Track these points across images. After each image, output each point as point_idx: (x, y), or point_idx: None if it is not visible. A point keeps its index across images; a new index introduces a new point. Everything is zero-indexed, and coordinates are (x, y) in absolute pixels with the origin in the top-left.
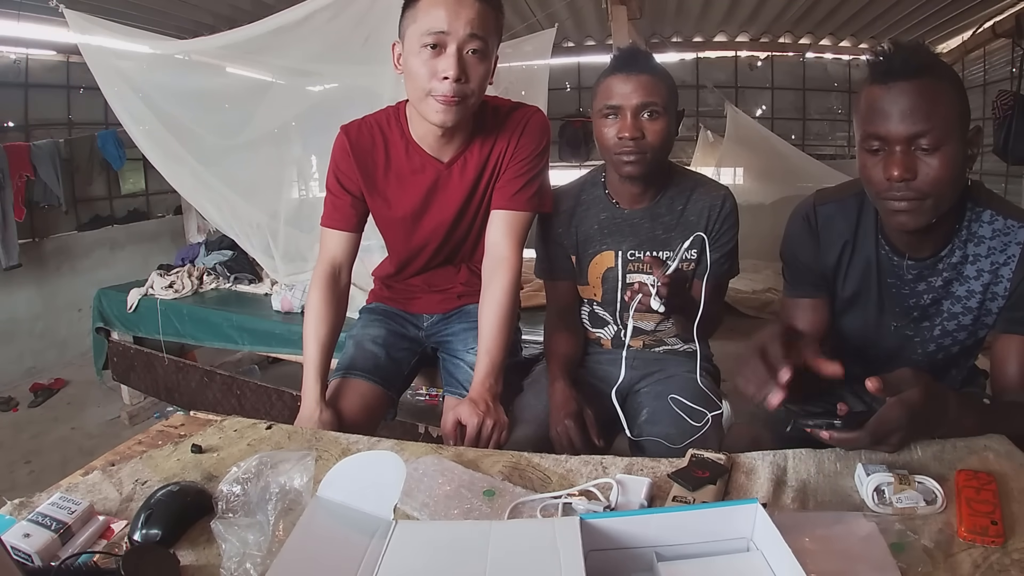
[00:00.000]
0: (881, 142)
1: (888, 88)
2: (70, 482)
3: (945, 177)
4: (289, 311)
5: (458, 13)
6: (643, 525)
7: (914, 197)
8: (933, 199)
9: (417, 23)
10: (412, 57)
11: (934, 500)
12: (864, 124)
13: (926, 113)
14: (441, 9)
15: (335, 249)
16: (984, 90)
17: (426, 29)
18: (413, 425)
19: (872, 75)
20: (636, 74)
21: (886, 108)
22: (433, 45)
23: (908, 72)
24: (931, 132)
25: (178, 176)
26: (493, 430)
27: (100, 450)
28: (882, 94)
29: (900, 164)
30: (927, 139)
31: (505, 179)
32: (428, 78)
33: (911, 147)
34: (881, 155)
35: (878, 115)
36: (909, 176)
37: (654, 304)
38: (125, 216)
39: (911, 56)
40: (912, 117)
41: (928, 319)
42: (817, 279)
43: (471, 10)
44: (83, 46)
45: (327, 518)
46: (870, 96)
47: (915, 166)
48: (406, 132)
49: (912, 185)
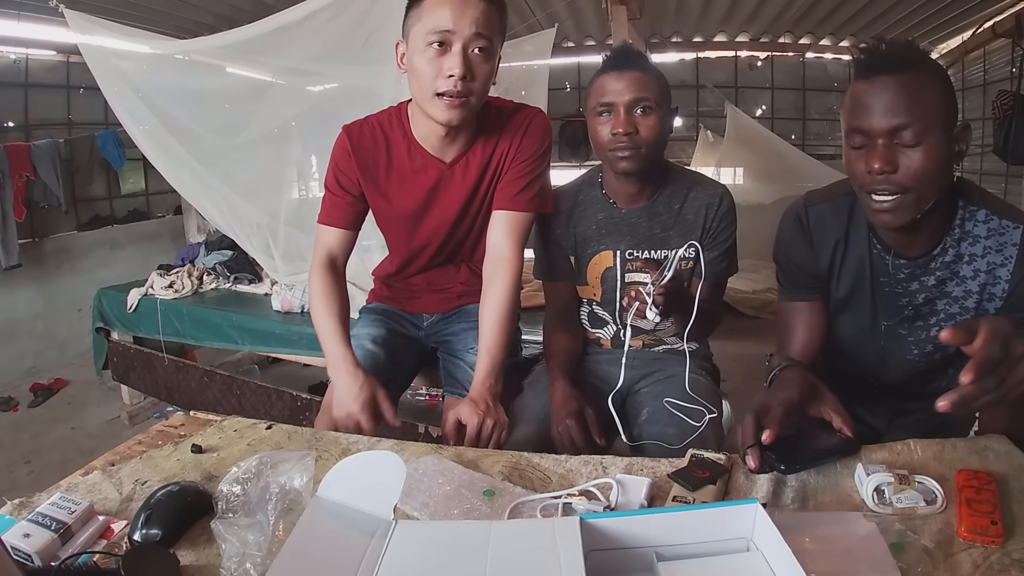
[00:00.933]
0: (864, 136)
1: (871, 83)
2: (70, 482)
3: (927, 171)
4: (289, 311)
5: (463, 12)
6: (643, 525)
7: (896, 191)
8: (915, 193)
9: (422, 22)
10: (417, 56)
11: (934, 500)
12: (848, 119)
13: (907, 107)
14: (446, 8)
15: (331, 243)
16: (984, 90)
17: (431, 28)
18: (413, 425)
19: (857, 71)
20: (628, 71)
21: (868, 102)
22: (438, 44)
23: (891, 67)
24: (912, 125)
25: (178, 176)
26: (493, 430)
27: (100, 450)
28: (865, 89)
29: (881, 157)
30: (908, 132)
31: (507, 180)
32: (433, 77)
33: (893, 140)
34: (864, 150)
35: (861, 109)
36: (889, 169)
37: (650, 315)
38: (125, 216)
39: (895, 52)
40: (893, 110)
41: (922, 318)
42: (811, 280)
43: (476, 9)
44: (83, 46)
45: (327, 518)
46: (854, 91)
47: (896, 159)
48: (408, 132)
49: (893, 179)
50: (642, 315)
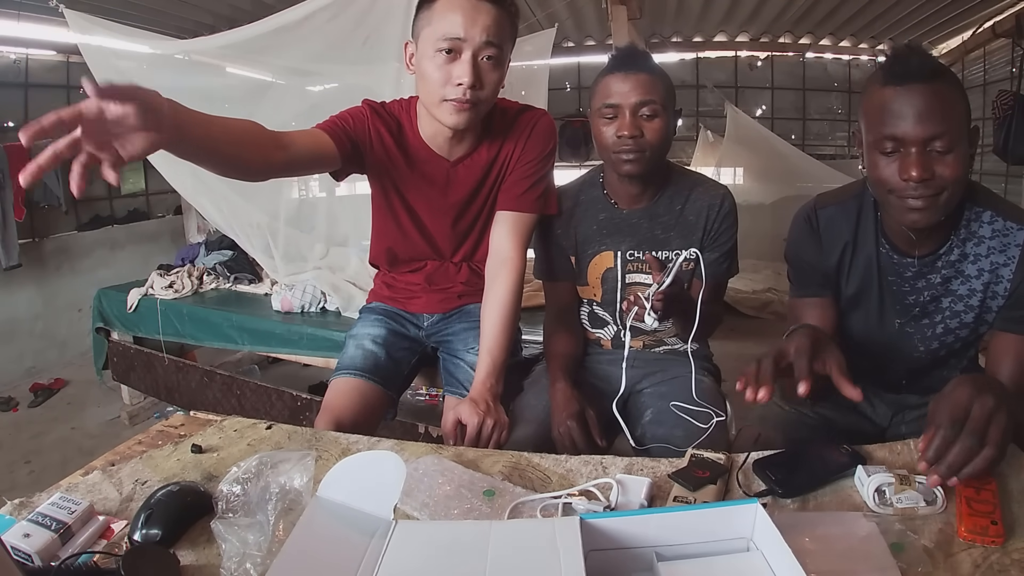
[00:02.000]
0: (896, 143)
1: (905, 90)
2: (70, 482)
3: (958, 176)
4: (289, 311)
5: (475, 19)
6: (643, 525)
7: (930, 195)
8: (946, 196)
9: (432, 26)
10: (426, 60)
11: (934, 500)
12: (878, 125)
13: (942, 116)
14: (458, 14)
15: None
16: (984, 90)
17: (442, 34)
18: (413, 425)
19: (886, 76)
20: (634, 73)
21: (902, 110)
22: (448, 51)
23: (923, 75)
24: (947, 134)
25: (178, 176)
26: (493, 430)
27: (100, 450)
28: (897, 96)
29: (919, 165)
30: (942, 141)
31: (511, 180)
32: (443, 83)
33: (926, 148)
34: (896, 156)
35: (893, 116)
36: (927, 176)
37: (648, 320)
38: (125, 216)
39: (925, 59)
40: (930, 119)
41: (928, 316)
42: (822, 279)
43: (488, 16)
44: (83, 46)
45: (327, 518)
46: (883, 97)
47: (931, 166)
48: (415, 128)
49: (929, 184)
50: (640, 319)
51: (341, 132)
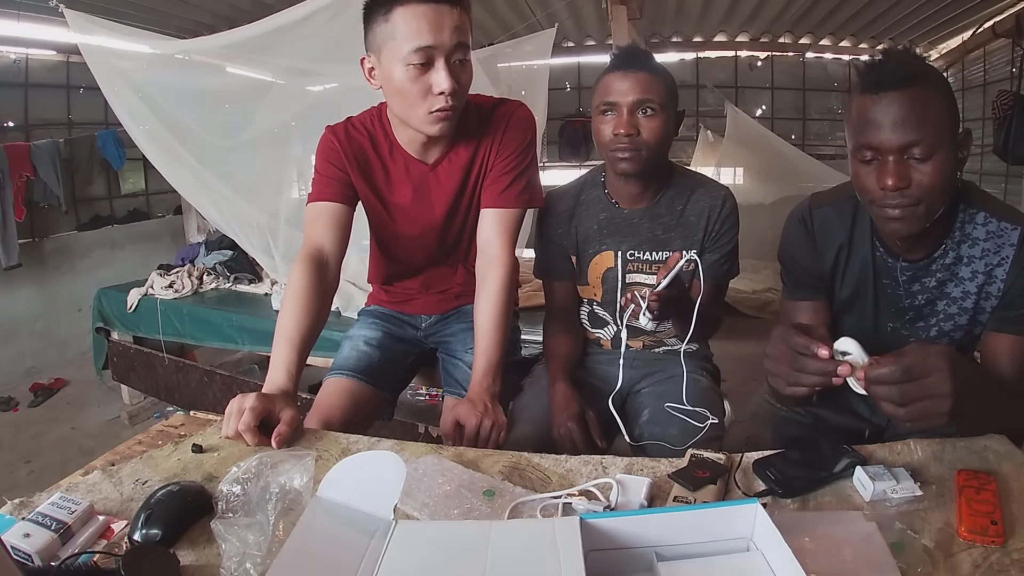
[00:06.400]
0: (874, 152)
1: (879, 98)
2: (70, 482)
3: (938, 183)
4: None
5: (441, 24)
6: (643, 525)
7: (908, 204)
8: (925, 204)
9: (397, 40)
10: (397, 76)
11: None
12: (856, 135)
13: (917, 123)
14: (423, 22)
15: (321, 231)
16: (984, 90)
17: (411, 46)
18: (413, 425)
19: (862, 85)
20: (634, 72)
21: (878, 119)
22: (421, 63)
23: (898, 82)
24: (923, 141)
25: (178, 176)
26: (492, 430)
27: (100, 450)
28: (873, 104)
29: (894, 174)
30: (919, 148)
31: (492, 177)
32: (421, 96)
33: (904, 156)
34: (874, 165)
35: (870, 126)
36: (903, 185)
37: (643, 320)
38: (125, 216)
39: (900, 65)
40: (904, 127)
41: (923, 319)
42: (816, 281)
43: (451, 17)
44: (83, 46)
45: (327, 518)
46: (861, 106)
47: (908, 175)
48: (390, 134)
49: (906, 193)
50: (636, 318)
51: (336, 186)
